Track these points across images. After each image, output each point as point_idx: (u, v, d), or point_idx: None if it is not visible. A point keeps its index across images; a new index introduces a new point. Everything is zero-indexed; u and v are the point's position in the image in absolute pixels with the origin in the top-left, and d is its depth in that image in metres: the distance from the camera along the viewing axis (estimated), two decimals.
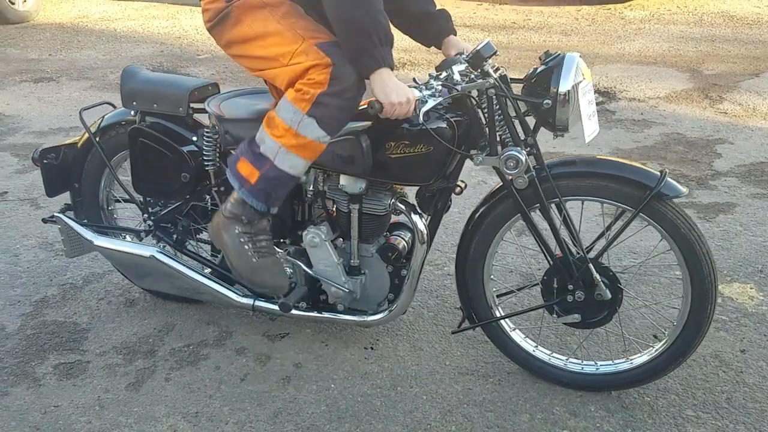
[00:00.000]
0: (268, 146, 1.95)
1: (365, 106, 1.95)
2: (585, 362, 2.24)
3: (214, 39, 2.14)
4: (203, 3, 2.10)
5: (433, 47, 2.27)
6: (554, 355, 2.26)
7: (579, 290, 2.07)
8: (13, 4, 7.98)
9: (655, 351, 2.14)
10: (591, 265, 2.04)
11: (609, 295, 2.05)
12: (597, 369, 2.21)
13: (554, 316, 2.14)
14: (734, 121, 4.59)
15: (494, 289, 2.27)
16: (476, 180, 3.70)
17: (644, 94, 5.20)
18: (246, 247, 2.06)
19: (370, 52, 1.81)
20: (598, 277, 2.04)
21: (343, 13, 1.81)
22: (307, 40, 1.90)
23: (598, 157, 2.09)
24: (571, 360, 2.25)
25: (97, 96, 5.46)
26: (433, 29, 2.22)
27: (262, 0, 1.97)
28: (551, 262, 2.11)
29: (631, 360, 2.18)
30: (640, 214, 1.97)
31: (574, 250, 2.09)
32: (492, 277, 2.23)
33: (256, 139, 2.00)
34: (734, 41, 6.61)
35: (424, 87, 1.90)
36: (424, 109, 1.86)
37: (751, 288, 2.74)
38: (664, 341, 2.13)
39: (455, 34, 2.23)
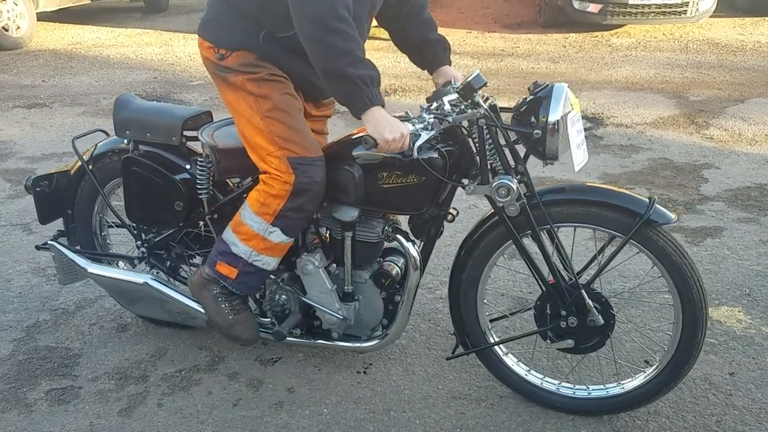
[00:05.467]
0: (240, 249, 2.16)
1: (359, 135, 1.98)
2: (577, 386, 2.25)
3: (208, 73, 2.22)
4: (199, 42, 2.19)
5: (425, 71, 2.34)
6: (546, 379, 2.27)
7: (572, 316, 2.08)
8: (7, 30, 8.04)
9: (647, 376, 2.15)
10: (583, 291, 2.05)
11: (602, 321, 2.06)
12: (589, 393, 2.22)
13: (548, 341, 2.15)
14: (720, 147, 4.67)
15: (487, 314, 2.28)
16: (467, 204, 3.74)
17: (631, 119, 5.28)
18: (223, 305, 2.24)
19: (357, 96, 1.86)
20: (590, 303, 2.06)
21: (327, 65, 1.87)
22: (281, 149, 2.04)
23: (588, 184, 2.13)
24: (564, 384, 2.26)
25: (90, 122, 5.49)
26: (428, 57, 2.29)
27: (248, 88, 2.07)
28: (543, 289, 2.13)
29: (623, 384, 2.19)
30: (631, 240, 2.00)
31: (566, 275, 2.12)
32: (485, 301, 2.25)
33: (227, 240, 2.18)
34: (719, 68, 6.73)
35: (416, 120, 1.93)
36: (418, 143, 1.89)
37: (739, 311, 2.77)
38: (655, 366, 2.15)
39: (449, 64, 2.29)
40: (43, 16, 9.14)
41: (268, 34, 2.05)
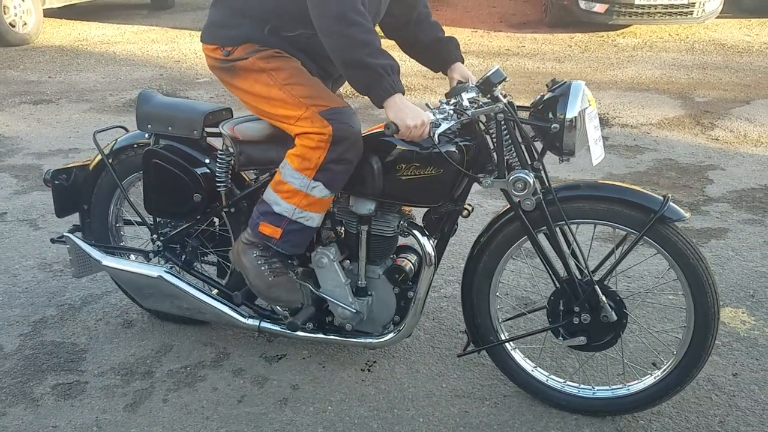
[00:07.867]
0: (283, 207, 2.12)
1: (381, 128, 2.01)
2: (582, 386, 2.26)
3: (218, 78, 2.22)
4: (204, 48, 2.21)
5: (439, 72, 2.37)
6: (552, 377, 2.28)
7: (585, 312, 2.09)
8: (14, 26, 8.06)
9: (654, 378, 2.15)
10: (597, 287, 2.06)
11: (615, 317, 2.07)
12: (594, 393, 2.23)
13: (560, 338, 2.16)
14: (726, 148, 4.66)
15: (499, 307, 2.28)
16: (473, 203, 3.73)
17: (637, 120, 5.28)
18: (263, 268, 2.23)
19: (379, 84, 1.90)
20: (604, 299, 2.06)
21: (348, 56, 1.92)
22: (309, 108, 2.04)
23: (601, 181, 2.14)
24: (569, 383, 2.27)
25: (96, 118, 5.51)
26: (442, 54, 2.33)
27: (259, 66, 2.09)
28: (557, 285, 2.14)
29: (629, 386, 2.19)
30: (647, 238, 2.00)
31: (579, 272, 2.12)
32: (497, 294, 2.25)
33: (268, 200, 2.15)
34: (725, 69, 6.72)
35: (437, 111, 1.97)
36: (438, 131, 1.92)
37: (743, 312, 2.77)
38: (663, 369, 2.15)
39: (462, 62, 2.33)
40: (49, 13, 9.17)
41: (272, 29, 2.09)
